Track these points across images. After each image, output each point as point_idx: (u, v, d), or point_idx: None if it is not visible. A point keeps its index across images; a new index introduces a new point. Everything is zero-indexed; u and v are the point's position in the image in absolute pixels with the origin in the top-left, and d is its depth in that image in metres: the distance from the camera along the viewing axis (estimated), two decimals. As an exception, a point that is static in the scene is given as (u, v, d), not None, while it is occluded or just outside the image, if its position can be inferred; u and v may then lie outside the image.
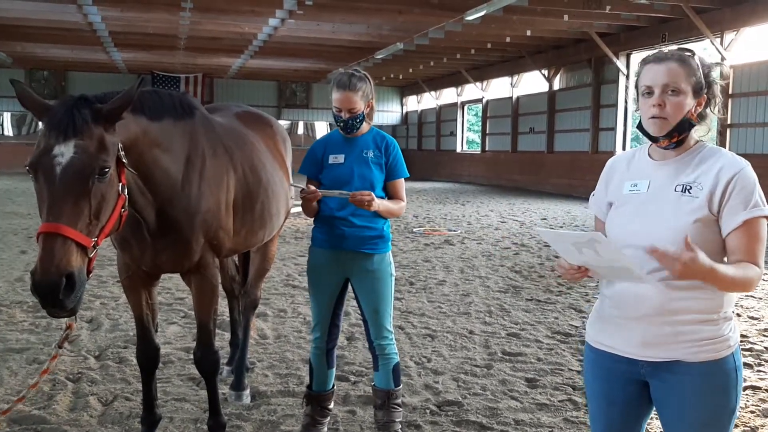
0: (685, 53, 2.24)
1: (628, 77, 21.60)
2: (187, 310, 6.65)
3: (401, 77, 33.05)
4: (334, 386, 3.98)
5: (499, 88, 30.15)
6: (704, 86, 2.24)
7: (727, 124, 17.34)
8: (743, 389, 2.25)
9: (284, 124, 34.01)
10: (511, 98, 28.27)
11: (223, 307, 5.80)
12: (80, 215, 2.67)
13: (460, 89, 32.78)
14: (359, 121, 3.65)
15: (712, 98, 2.27)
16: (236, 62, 29.26)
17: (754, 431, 4.10)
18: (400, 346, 3.91)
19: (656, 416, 2.51)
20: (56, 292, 2.56)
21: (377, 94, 3.77)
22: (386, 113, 38.19)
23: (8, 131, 33.86)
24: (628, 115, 22.01)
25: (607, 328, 2.35)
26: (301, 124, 37.31)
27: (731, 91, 17.19)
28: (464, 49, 24.39)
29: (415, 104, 38.70)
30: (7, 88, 3.15)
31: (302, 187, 3.57)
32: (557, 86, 25.42)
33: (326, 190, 3.62)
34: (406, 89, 38.41)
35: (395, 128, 38.34)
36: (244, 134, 4.24)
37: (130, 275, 3.67)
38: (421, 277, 8.74)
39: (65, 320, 3.02)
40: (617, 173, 2.42)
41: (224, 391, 4.46)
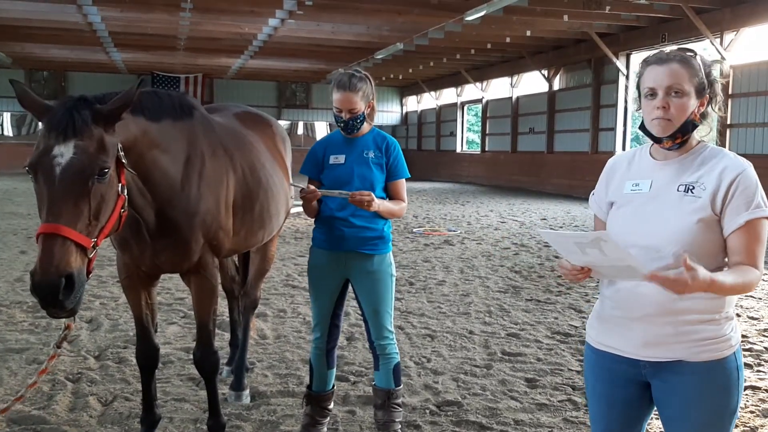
0: (686, 54, 2.23)
1: (627, 77, 21.59)
2: (186, 310, 6.65)
3: (401, 77, 33.06)
4: (334, 386, 3.98)
5: (498, 88, 30.16)
6: (706, 86, 2.24)
7: (726, 124, 17.35)
8: (743, 389, 2.25)
9: (284, 124, 34.01)
10: (510, 98, 28.28)
11: (222, 307, 5.81)
12: (80, 216, 2.67)
13: (459, 89, 32.79)
14: (360, 121, 3.65)
15: (713, 97, 2.27)
16: (236, 62, 29.27)
17: (754, 431, 4.10)
18: (399, 346, 3.91)
19: (656, 416, 2.51)
20: (56, 292, 2.57)
21: (377, 94, 3.77)
22: (386, 113, 38.19)
23: (8, 131, 33.85)
24: (627, 115, 22.00)
25: (608, 328, 2.35)
26: (300, 124, 37.32)
27: (731, 91, 17.19)
28: (464, 49, 24.39)
29: (414, 104, 38.70)
30: (6, 88, 3.15)
31: (302, 186, 3.56)
32: (557, 86, 25.42)
33: (326, 190, 3.62)
34: (405, 89, 38.41)
35: (395, 128, 38.34)
36: (243, 134, 4.24)
37: (129, 275, 3.67)
38: (420, 277, 8.74)
39: (64, 320, 3.02)
40: (618, 173, 2.41)
41: (224, 391, 4.46)
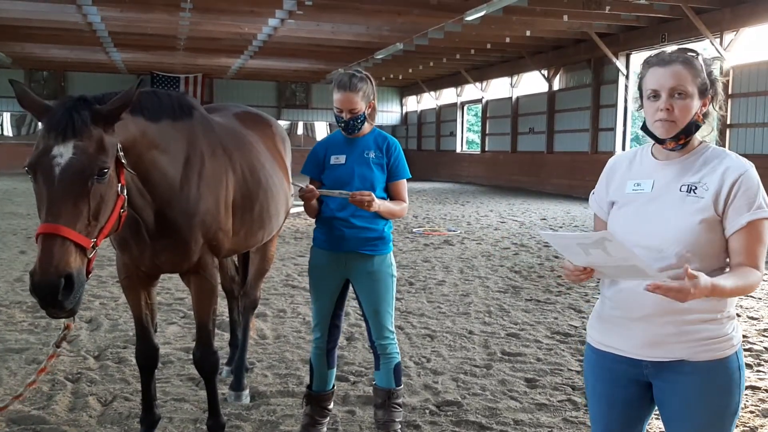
0: (688, 54, 2.22)
1: (627, 77, 21.59)
2: (186, 310, 6.65)
3: (401, 78, 33.05)
4: (334, 386, 3.98)
5: (498, 88, 30.16)
6: (708, 86, 2.23)
7: (726, 124, 17.35)
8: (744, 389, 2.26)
9: (284, 124, 34.01)
10: (510, 98, 28.28)
11: (222, 307, 5.81)
12: (79, 216, 2.67)
13: (459, 89, 32.78)
14: (360, 121, 3.64)
15: (714, 96, 2.26)
16: (236, 62, 29.26)
17: (753, 431, 4.10)
18: (399, 346, 3.91)
19: (656, 416, 2.51)
20: (55, 292, 2.57)
21: (377, 94, 3.76)
22: (386, 113, 38.19)
23: (8, 131, 33.83)
24: (627, 115, 22.01)
25: (609, 328, 2.34)
26: (300, 124, 37.31)
27: (731, 91, 17.19)
28: (464, 49, 24.39)
29: (414, 104, 38.70)
30: (6, 88, 3.14)
31: (301, 186, 3.56)
32: (557, 86, 25.42)
33: (326, 190, 3.62)
34: (405, 90, 38.41)
35: (395, 128, 38.34)
36: (243, 135, 4.23)
37: (129, 275, 3.67)
38: (420, 277, 8.74)
39: (64, 320, 3.02)
40: (619, 173, 2.41)
41: (223, 391, 4.46)
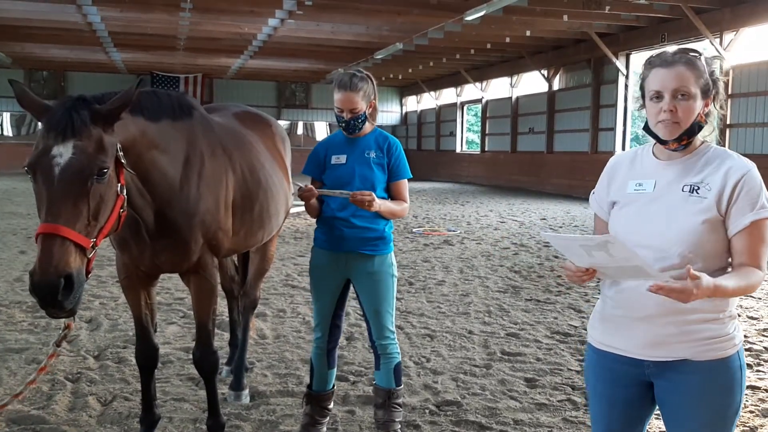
0: (691, 55, 2.21)
1: (627, 77, 21.61)
2: (186, 310, 6.65)
3: (401, 77, 33.06)
4: (334, 386, 3.98)
5: (498, 88, 30.17)
6: (711, 86, 2.23)
7: (727, 124, 17.35)
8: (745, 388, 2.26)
9: (284, 124, 34.01)
10: (510, 98, 28.29)
11: (222, 307, 5.81)
12: (79, 216, 2.67)
13: (459, 89, 32.79)
14: (361, 121, 3.64)
15: (716, 95, 2.26)
16: (236, 62, 29.27)
17: (753, 431, 4.10)
18: (399, 346, 3.91)
19: (656, 416, 2.51)
20: (55, 292, 2.57)
21: (377, 94, 3.76)
22: (386, 113, 38.20)
23: (8, 131, 33.84)
24: (627, 115, 22.02)
25: (610, 328, 2.34)
26: (300, 124, 37.32)
27: (731, 91, 17.20)
28: (464, 49, 24.39)
29: (414, 104, 38.71)
30: (6, 88, 3.14)
31: (301, 185, 3.55)
32: (557, 86, 25.43)
33: (327, 189, 3.62)
34: (405, 89, 38.41)
35: (395, 128, 38.34)
36: (243, 134, 4.23)
37: (128, 275, 3.67)
38: (420, 277, 8.74)
39: (64, 320, 3.02)
40: (620, 172, 2.40)
41: (223, 391, 4.46)
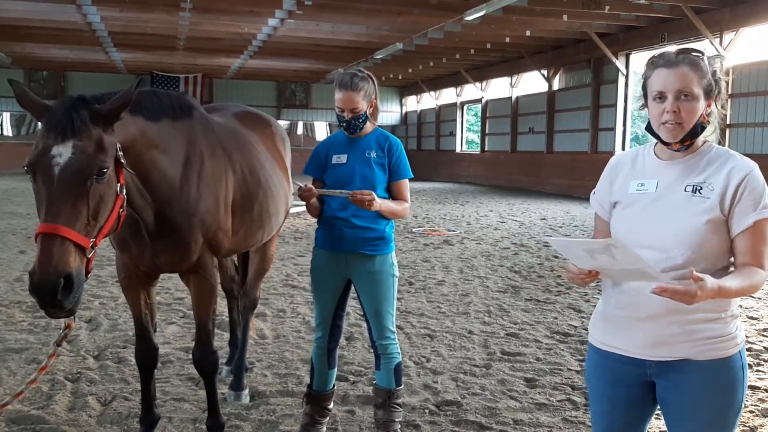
0: (693, 55, 2.21)
1: (627, 77, 21.61)
2: (186, 310, 6.65)
3: (401, 77, 33.06)
4: (334, 386, 3.98)
5: (498, 88, 30.17)
6: (714, 86, 2.23)
7: (726, 124, 17.35)
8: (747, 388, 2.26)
9: (283, 124, 34.01)
10: (510, 98, 28.29)
11: (222, 307, 5.81)
12: (78, 216, 2.67)
13: (459, 89, 32.79)
14: (362, 121, 3.63)
15: (717, 95, 2.26)
16: (235, 62, 29.27)
17: (753, 431, 4.10)
18: (399, 346, 3.90)
19: (656, 416, 2.51)
20: (54, 292, 2.56)
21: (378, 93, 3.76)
22: (385, 113, 38.19)
23: (7, 131, 33.84)
24: (627, 115, 22.03)
25: (612, 328, 2.33)
26: (300, 124, 37.32)
27: (731, 91, 17.20)
28: (463, 49, 24.40)
29: (414, 104, 38.71)
30: (6, 88, 3.14)
31: (300, 185, 3.55)
32: (557, 86, 25.43)
33: (327, 189, 3.62)
34: (405, 89, 38.42)
35: (395, 128, 38.35)
36: (242, 134, 4.23)
37: (128, 275, 3.67)
38: (420, 277, 8.74)
39: (64, 320, 3.02)
40: (622, 172, 2.40)
41: (223, 391, 4.46)
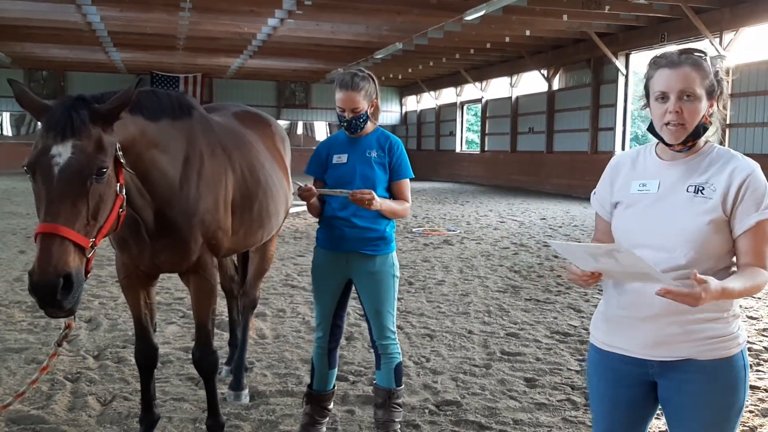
0: (696, 55, 2.20)
1: (627, 77, 21.62)
2: (185, 310, 6.64)
3: (400, 77, 33.07)
4: (334, 386, 3.98)
5: (498, 88, 30.18)
6: (716, 87, 2.22)
7: (726, 123, 17.32)
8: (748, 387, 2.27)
9: (283, 124, 34.00)
10: (510, 98, 28.30)
11: (221, 307, 5.81)
12: (78, 216, 2.66)
13: (459, 89, 32.79)
14: (363, 120, 3.63)
15: (720, 96, 2.26)
16: (235, 62, 29.27)
17: (752, 430, 4.10)
18: (399, 346, 3.90)
19: (656, 416, 2.50)
20: (54, 292, 2.56)
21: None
22: (385, 113, 38.15)
23: (7, 131, 33.84)
24: (627, 115, 22.04)
25: (614, 329, 2.33)
26: (300, 124, 37.32)
27: (731, 90, 17.20)
28: (463, 49, 24.40)
29: (414, 104, 38.71)
30: (5, 88, 3.14)
31: (300, 185, 3.55)
32: (556, 86, 25.43)
33: (327, 189, 3.61)
34: (405, 89, 38.42)
35: (394, 128, 38.34)
36: (242, 134, 4.23)
37: (128, 275, 3.67)
38: (420, 277, 8.74)
39: (65, 320, 3.02)
40: (623, 172, 2.39)
41: (223, 390, 4.46)
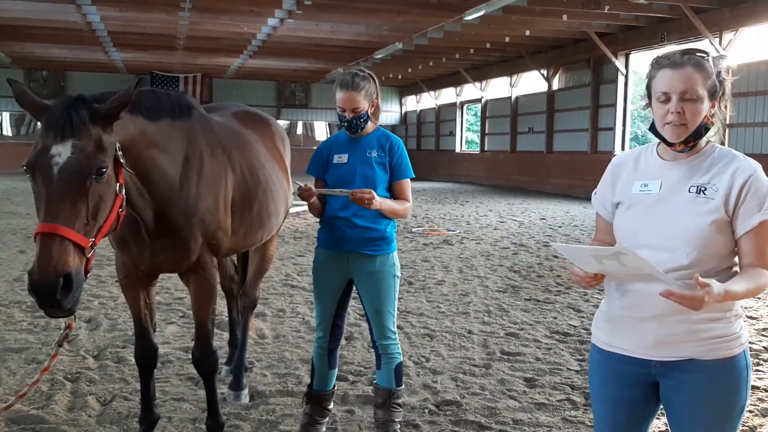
0: (698, 55, 2.20)
1: (627, 77, 21.62)
2: (185, 309, 6.64)
3: (400, 77, 33.06)
4: (334, 387, 3.98)
5: (498, 88, 30.17)
6: (718, 88, 2.22)
7: (726, 123, 17.32)
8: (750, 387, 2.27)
9: (283, 124, 34.00)
10: (510, 98, 28.30)
11: (221, 306, 5.81)
12: (78, 215, 2.66)
13: (459, 89, 32.79)
14: (363, 120, 3.63)
15: (722, 96, 2.26)
16: (235, 62, 29.26)
17: (752, 430, 4.10)
18: (399, 346, 3.90)
19: (657, 416, 2.50)
20: (53, 292, 2.56)
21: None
22: (385, 113, 38.17)
23: (7, 131, 33.83)
24: (627, 115, 22.05)
25: (617, 329, 2.33)
26: (300, 124, 37.32)
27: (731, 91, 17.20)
28: (463, 49, 24.40)
29: (414, 104, 38.70)
30: (5, 88, 3.14)
31: (300, 185, 3.54)
32: (556, 86, 25.43)
33: (327, 188, 3.61)
34: (405, 89, 38.41)
35: (394, 128, 38.33)
36: (242, 134, 4.23)
37: (128, 275, 3.66)
38: (419, 277, 8.74)
39: (65, 320, 3.02)
40: (624, 173, 2.39)
41: (223, 390, 4.46)
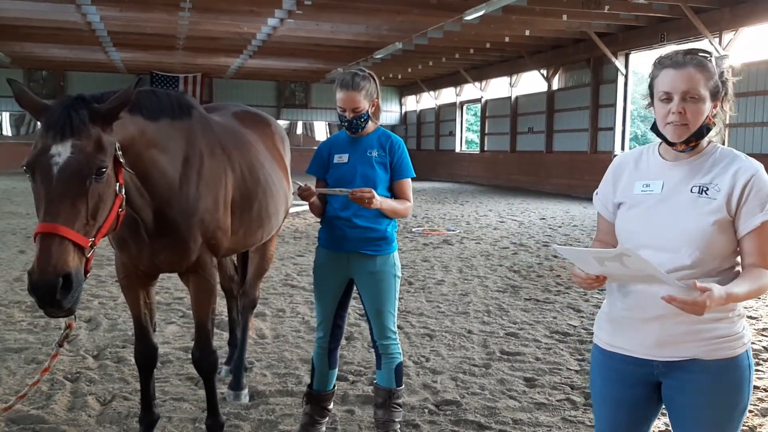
0: (700, 56, 2.20)
1: (627, 77, 21.63)
2: (185, 309, 6.64)
3: (400, 77, 33.07)
4: (334, 387, 3.98)
5: (498, 87, 30.17)
6: (720, 88, 2.22)
7: (726, 123, 17.33)
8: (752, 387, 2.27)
9: (283, 124, 34.00)
10: (510, 98, 28.30)
11: (221, 306, 5.81)
12: (77, 215, 2.67)
13: (459, 89, 32.79)
14: (364, 120, 3.63)
15: (724, 97, 2.26)
16: (235, 62, 29.26)
17: (752, 430, 4.10)
18: (400, 345, 3.90)
19: (658, 416, 2.50)
20: (53, 292, 2.56)
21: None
22: (385, 113, 38.12)
23: (7, 131, 33.83)
24: (627, 115, 22.06)
25: (619, 329, 2.33)
26: (300, 124, 37.32)
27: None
28: (463, 49, 24.40)
29: (414, 104, 38.70)
30: (5, 88, 3.14)
31: (300, 184, 3.54)
32: (556, 86, 25.43)
33: (327, 188, 3.61)
34: (404, 89, 38.41)
35: (394, 128, 38.30)
36: (242, 134, 4.23)
37: (128, 275, 3.67)
38: (419, 276, 8.75)
39: (65, 320, 3.02)
40: (625, 173, 2.39)
41: (223, 390, 4.46)
